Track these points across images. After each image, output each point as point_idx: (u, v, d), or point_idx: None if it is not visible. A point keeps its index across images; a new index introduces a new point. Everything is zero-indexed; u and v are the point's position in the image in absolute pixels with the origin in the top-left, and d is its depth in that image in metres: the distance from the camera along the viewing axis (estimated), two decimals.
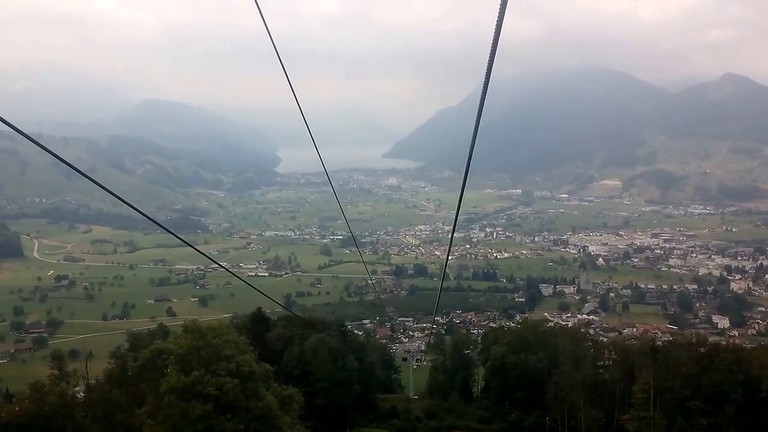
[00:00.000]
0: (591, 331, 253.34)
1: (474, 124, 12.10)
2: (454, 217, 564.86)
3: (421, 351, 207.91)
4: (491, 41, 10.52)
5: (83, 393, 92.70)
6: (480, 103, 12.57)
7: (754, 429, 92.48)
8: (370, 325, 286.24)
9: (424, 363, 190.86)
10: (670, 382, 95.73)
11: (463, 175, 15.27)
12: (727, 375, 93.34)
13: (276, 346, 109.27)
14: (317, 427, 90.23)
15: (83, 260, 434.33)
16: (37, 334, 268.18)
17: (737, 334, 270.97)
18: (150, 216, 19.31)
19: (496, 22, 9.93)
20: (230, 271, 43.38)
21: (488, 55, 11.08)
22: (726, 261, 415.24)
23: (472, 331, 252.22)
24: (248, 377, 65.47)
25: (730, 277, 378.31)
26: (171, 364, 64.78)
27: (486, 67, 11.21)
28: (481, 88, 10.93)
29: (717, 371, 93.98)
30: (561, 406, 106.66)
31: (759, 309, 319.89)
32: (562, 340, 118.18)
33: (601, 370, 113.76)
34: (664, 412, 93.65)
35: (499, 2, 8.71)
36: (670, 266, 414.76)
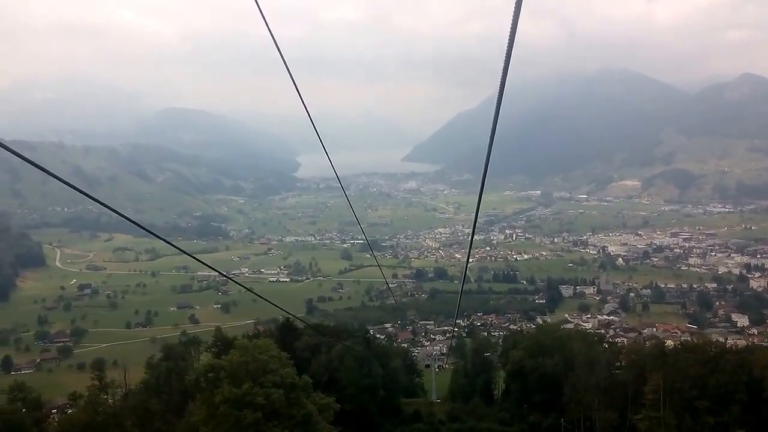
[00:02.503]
0: (611, 332, 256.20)
1: (491, 127, 13.55)
2: (473, 219, 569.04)
3: (443, 355, 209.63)
4: (506, 45, 11.32)
5: (114, 401, 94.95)
6: (496, 108, 12.83)
7: (758, 427, 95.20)
8: (391, 329, 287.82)
9: (446, 367, 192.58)
10: (679, 383, 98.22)
11: (480, 177, 16.80)
12: (732, 376, 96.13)
13: (304, 355, 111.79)
14: None
15: (105, 268, 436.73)
16: (62, 344, 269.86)
17: (756, 333, 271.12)
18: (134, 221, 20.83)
19: (510, 27, 10.75)
20: (230, 278, 46.04)
21: (503, 59, 11.83)
22: (745, 259, 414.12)
23: (493, 334, 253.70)
24: (291, 388, 72.41)
25: (749, 276, 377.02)
26: (223, 378, 70.79)
27: (501, 72, 12.12)
28: (497, 91, 12.03)
29: (722, 372, 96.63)
30: (577, 408, 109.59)
31: None
32: (577, 344, 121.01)
33: (617, 371, 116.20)
34: (673, 411, 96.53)
35: (513, 8, 10.12)
36: (689, 265, 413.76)
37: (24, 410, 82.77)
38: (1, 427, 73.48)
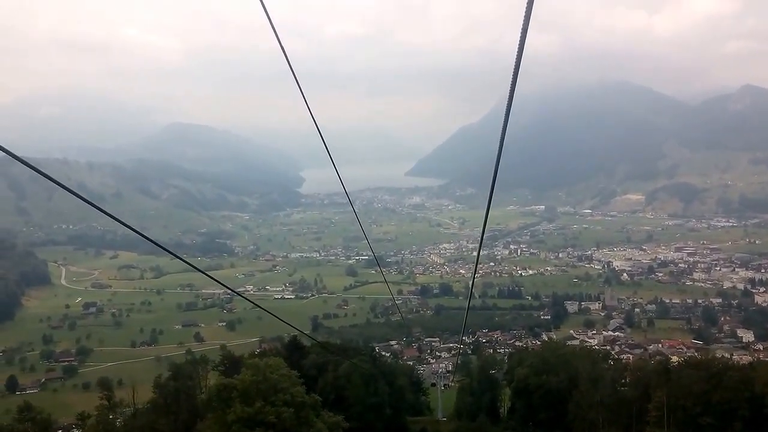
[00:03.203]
0: (616, 348, 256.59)
1: (498, 142, 13.36)
2: (478, 234, 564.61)
3: (449, 372, 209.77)
4: (515, 58, 11.21)
5: (122, 421, 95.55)
6: (504, 122, 13.12)
7: None
8: (397, 346, 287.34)
9: (452, 384, 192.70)
10: (683, 400, 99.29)
11: (487, 192, 16.75)
12: (735, 392, 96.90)
13: (311, 373, 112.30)
14: None
15: (110, 286, 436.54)
16: (67, 363, 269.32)
17: (762, 348, 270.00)
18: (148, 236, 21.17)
19: (519, 40, 9.74)
20: (241, 295, 46.45)
21: (512, 72, 11.86)
22: (750, 274, 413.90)
23: (498, 351, 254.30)
24: (301, 407, 73.79)
25: (754, 291, 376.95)
26: (235, 397, 72.27)
27: (510, 85, 12.07)
28: (503, 103, 11.68)
29: (726, 389, 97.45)
30: (582, 425, 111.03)
31: None
32: (581, 362, 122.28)
33: (621, 388, 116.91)
34: (677, 428, 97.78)
35: (522, 22, 10.27)
36: (694, 280, 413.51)
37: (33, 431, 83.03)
38: None
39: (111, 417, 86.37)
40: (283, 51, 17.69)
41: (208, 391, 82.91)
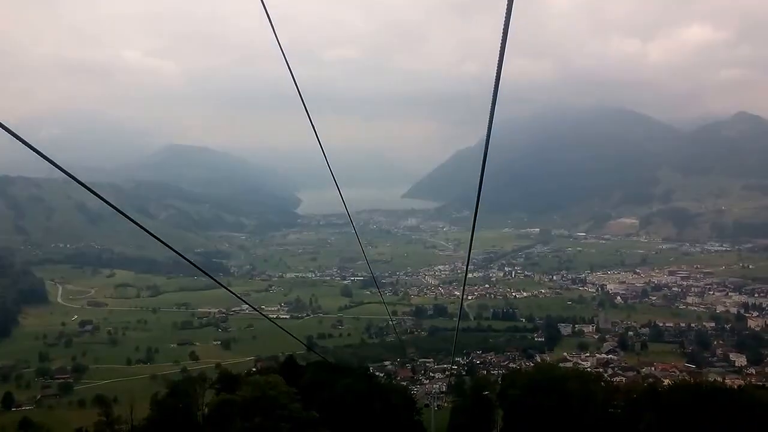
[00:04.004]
0: (609, 371, 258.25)
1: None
2: (473, 256, 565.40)
3: (442, 393, 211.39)
4: (491, 92, 12.79)
5: None
6: (484, 154, 15.39)
7: None
8: (391, 366, 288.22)
9: (446, 405, 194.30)
10: (671, 421, 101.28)
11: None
12: (722, 415, 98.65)
13: (307, 392, 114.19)
14: None
15: (107, 305, 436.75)
16: (62, 380, 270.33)
17: (754, 372, 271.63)
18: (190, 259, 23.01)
19: (495, 73, 12.14)
20: (263, 313, 48.56)
21: (490, 105, 13.74)
22: (743, 298, 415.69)
23: (492, 372, 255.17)
24: (298, 423, 75.58)
25: (747, 315, 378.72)
26: (236, 413, 75.14)
27: (488, 116, 13.80)
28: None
29: (714, 411, 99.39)
30: None
31: None
32: (573, 383, 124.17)
33: (612, 409, 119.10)
34: None
35: (497, 56, 11.97)
36: (687, 304, 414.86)
37: None
38: None
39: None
40: (292, 74, 19.30)
41: (208, 406, 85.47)
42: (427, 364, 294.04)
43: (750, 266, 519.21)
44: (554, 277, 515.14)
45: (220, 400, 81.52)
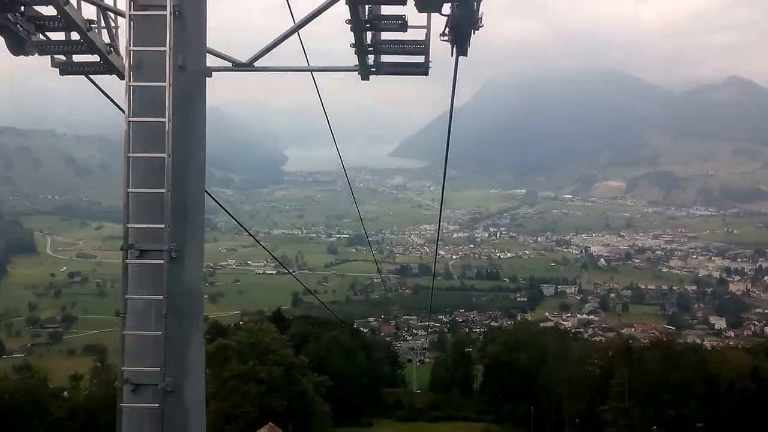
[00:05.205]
0: (590, 331, 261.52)
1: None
2: (459, 216, 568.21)
3: (425, 349, 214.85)
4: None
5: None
6: (448, 128, 16.49)
7: (715, 419, 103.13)
8: (375, 323, 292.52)
9: (427, 360, 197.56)
10: (643, 378, 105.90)
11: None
12: (691, 372, 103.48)
13: (294, 342, 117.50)
14: (331, 416, 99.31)
15: (95, 257, 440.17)
16: (52, 329, 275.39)
17: (733, 335, 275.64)
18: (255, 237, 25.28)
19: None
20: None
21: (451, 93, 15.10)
22: (726, 263, 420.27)
23: (474, 330, 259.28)
24: (289, 367, 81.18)
25: (729, 279, 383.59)
26: (232, 356, 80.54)
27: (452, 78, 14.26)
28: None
29: (683, 369, 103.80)
30: (548, 399, 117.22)
31: (756, 310, 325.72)
32: (550, 340, 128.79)
33: (587, 366, 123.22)
34: (637, 404, 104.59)
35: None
36: (670, 267, 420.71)
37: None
38: (27, 399, 79.57)
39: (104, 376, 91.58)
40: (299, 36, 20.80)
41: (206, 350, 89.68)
42: (411, 322, 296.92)
43: (734, 231, 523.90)
44: (539, 239, 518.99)
45: (217, 344, 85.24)
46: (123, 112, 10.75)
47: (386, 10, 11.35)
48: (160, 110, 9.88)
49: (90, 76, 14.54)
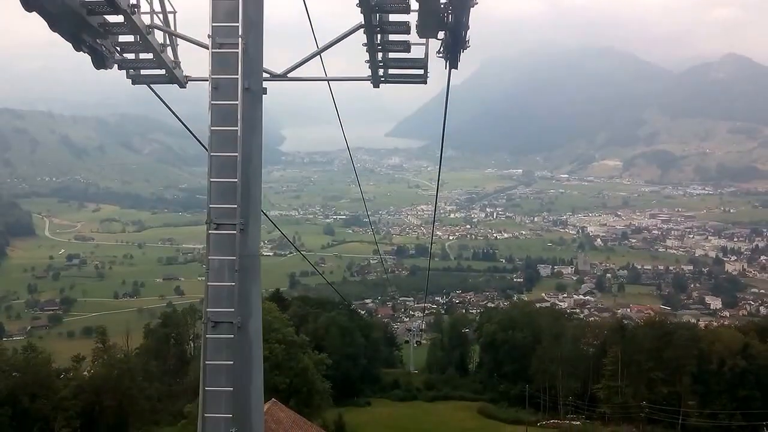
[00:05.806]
0: (586, 311, 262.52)
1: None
2: (456, 196, 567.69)
3: (421, 330, 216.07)
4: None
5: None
6: (444, 114, 18.34)
7: (706, 395, 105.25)
8: (372, 304, 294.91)
9: (424, 342, 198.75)
10: (636, 356, 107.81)
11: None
12: (683, 350, 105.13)
13: (293, 323, 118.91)
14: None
15: (93, 239, 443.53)
16: (51, 312, 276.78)
17: (728, 315, 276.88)
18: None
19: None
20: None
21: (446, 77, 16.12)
22: (722, 242, 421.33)
23: (471, 311, 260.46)
24: (290, 345, 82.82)
25: (725, 259, 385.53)
26: None
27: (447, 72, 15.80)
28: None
29: (675, 347, 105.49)
30: (543, 378, 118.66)
31: (752, 290, 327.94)
32: (545, 319, 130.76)
33: (581, 345, 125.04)
34: (630, 381, 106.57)
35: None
36: (667, 247, 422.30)
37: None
38: (33, 379, 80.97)
39: (106, 358, 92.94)
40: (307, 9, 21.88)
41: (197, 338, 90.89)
42: (408, 303, 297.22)
43: (731, 210, 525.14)
44: (535, 219, 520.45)
45: None
46: (176, 117, 18.45)
47: (394, 36, 14.57)
48: (232, 121, 13.30)
49: (153, 85, 19.36)
